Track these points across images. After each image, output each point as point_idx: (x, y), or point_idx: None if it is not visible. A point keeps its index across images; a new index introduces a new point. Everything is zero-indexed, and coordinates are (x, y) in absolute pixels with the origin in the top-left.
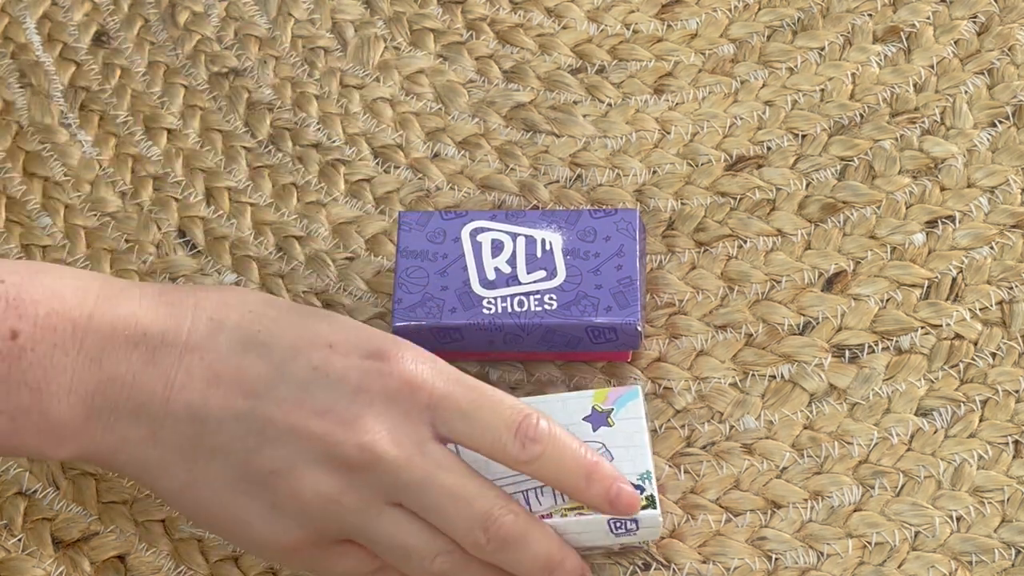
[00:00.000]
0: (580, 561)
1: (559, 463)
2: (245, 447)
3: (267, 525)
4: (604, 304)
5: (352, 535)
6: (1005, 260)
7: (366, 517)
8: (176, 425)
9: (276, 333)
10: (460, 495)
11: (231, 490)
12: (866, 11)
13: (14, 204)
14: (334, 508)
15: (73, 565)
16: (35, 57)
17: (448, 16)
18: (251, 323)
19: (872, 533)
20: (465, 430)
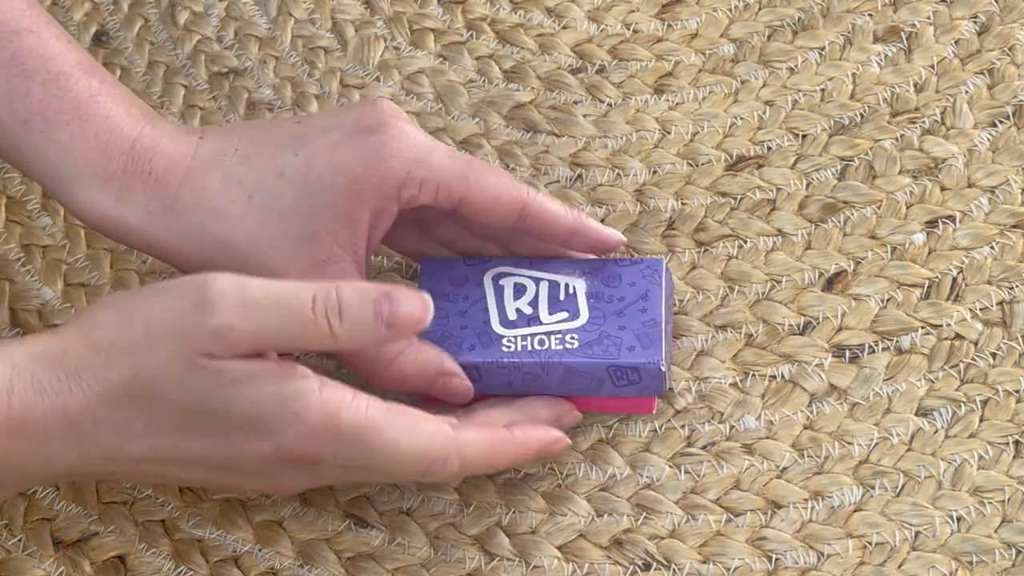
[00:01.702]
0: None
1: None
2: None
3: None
4: (627, 344)
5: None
6: (1005, 260)
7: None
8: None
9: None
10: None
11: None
12: (866, 11)
13: (14, 204)
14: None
15: (73, 565)
16: None
17: (448, 16)
18: (153, 435)
19: (872, 533)
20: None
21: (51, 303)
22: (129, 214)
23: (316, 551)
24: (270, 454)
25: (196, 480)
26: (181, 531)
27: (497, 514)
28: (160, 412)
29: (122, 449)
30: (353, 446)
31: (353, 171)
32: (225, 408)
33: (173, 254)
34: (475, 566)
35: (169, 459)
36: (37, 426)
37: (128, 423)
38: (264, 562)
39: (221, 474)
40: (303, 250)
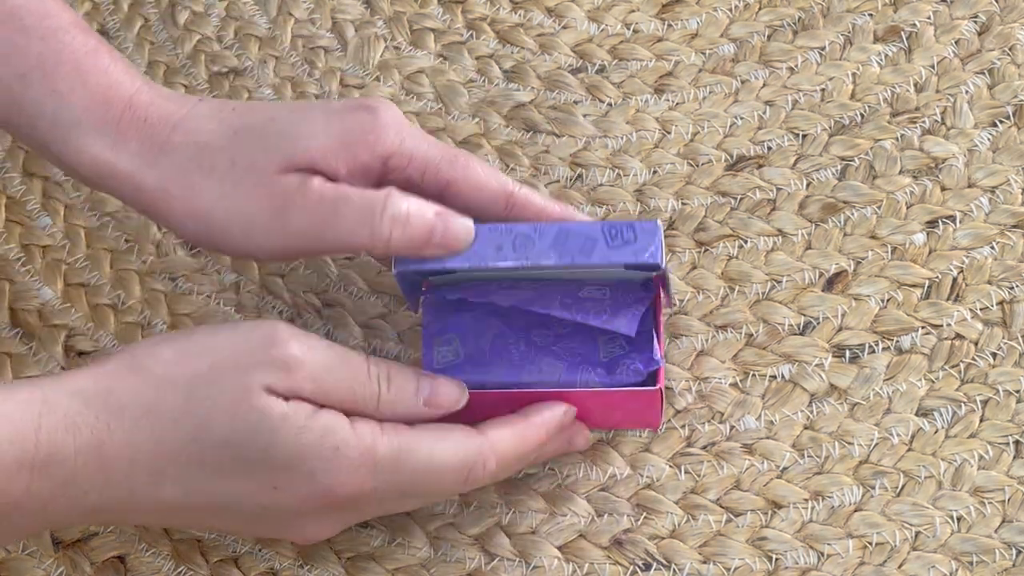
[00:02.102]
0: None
1: (512, 471)
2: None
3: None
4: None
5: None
6: (1006, 260)
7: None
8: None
9: (216, 487)
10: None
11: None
12: (867, 11)
13: (14, 204)
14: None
15: (73, 565)
16: None
17: (448, 16)
18: (191, 476)
19: (873, 533)
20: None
21: (51, 303)
22: (121, 160)
23: (316, 551)
24: (310, 496)
25: (224, 528)
26: (181, 531)
27: (497, 514)
28: (203, 451)
29: (155, 493)
30: (393, 473)
31: (347, 124)
32: (269, 447)
33: (157, 198)
34: (475, 566)
35: (203, 505)
36: (66, 466)
37: (167, 463)
38: (264, 562)
39: (253, 523)
40: (284, 175)
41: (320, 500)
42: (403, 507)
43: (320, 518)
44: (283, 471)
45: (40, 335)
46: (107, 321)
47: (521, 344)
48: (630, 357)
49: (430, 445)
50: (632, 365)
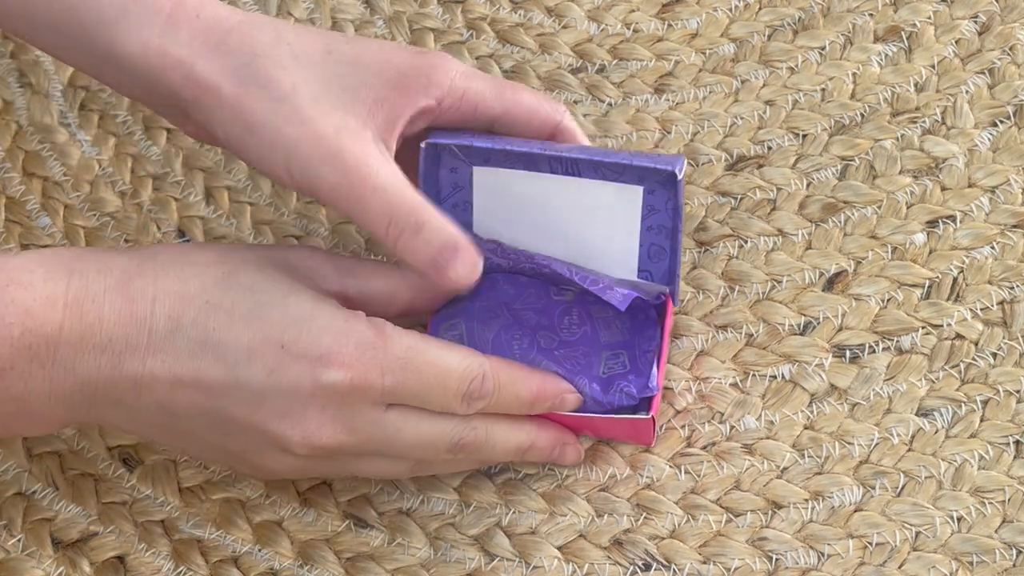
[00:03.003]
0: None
1: (505, 407)
2: (217, 434)
3: (257, 472)
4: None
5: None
6: (1006, 260)
7: (347, 467)
8: (151, 415)
9: (230, 332)
10: (421, 442)
11: (214, 454)
12: (867, 11)
13: (14, 204)
14: (312, 471)
15: (73, 565)
16: (34, 56)
17: (448, 15)
18: (206, 320)
19: (873, 533)
20: (416, 404)
21: None
22: (172, 47)
23: (316, 551)
24: (315, 363)
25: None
26: (181, 531)
27: (497, 514)
28: (225, 294)
29: (168, 347)
30: (401, 364)
31: (402, 67)
32: (289, 297)
33: (207, 91)
34: (475, 566)
35: (204, 381)
36: (95, 304)
37: (187, 305)
38: (264, 562)
39: (254, 407)
40: (336, 116)
41: (325, 372)
42: (400, 441)
43: (319, 411)
44: (293, 326)
45: None
46: None
47: (524, 342)
48: (627, 379)
49: (438, 348)
50: (627, 388)
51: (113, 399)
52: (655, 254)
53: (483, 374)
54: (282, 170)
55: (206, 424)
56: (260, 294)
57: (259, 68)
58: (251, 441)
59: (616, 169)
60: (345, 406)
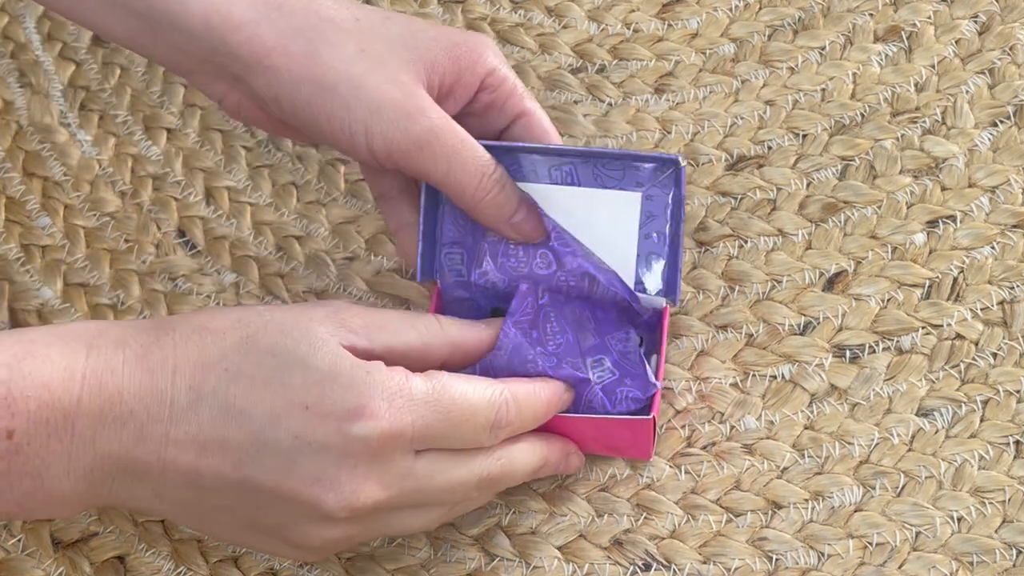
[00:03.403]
0: (560, 447)
1: (525, 426)
2: (247, 508)
3: (293, 551)
4: None
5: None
6: (1006, 260)
7: (381, 531)
8: (176, 489)
9: (253, 398)
10: (452, 485)
11: (245, 534)
12: (867, 11)
13: (14, 204)
14: (348, 541)
15: (73, 566)
16: (35, 56)
17: (448, 15)
18: (227, 387)
19: (873, 533)
20: (445, 446)
21: (51, 303)
22: (236, 7)
23: None
24: (347, 426)
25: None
26: (181, 531)
27: (497, 514)
28: (245, 359)
29: (190, 417)
30: (428, 408)
31: (455, 39)
32: (308, 357)
33: (273, 52)
34: (475, 566)
35: (231, 444)
36: (115, 376)
37: (208, 372)
38: (264, 562)
39: (283, 475)
40: (407, 76)
41: (355, 427)
42: (433, 486)
43: (351, 471)
44: (315, 386)
45: None
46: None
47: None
48: (624, 384)
49: (459, 385)
50: (631, 393)
51: (136, 474)
52: (651, 262)
53: (506, 401)
54: (360, 131)
55: (235, 498)
56: (280, 357)
57: (326, 29)
58: (284, 513)
59: (615, 173)
60: (376, 462)
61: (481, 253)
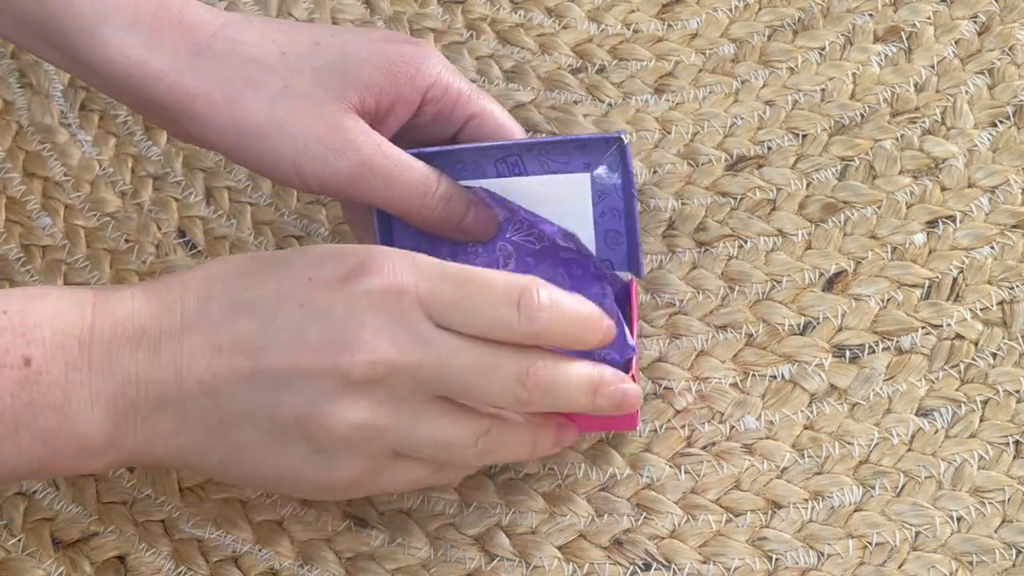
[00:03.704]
0: (615, 370)
1: (565, 327)
2: (264, 404)
3: (316, 469)
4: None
5: (398, 449)
6: (1006, 260)
7: (403, 429)
8: (196, 405)
9: (258, 286)
10: (483, 367)
11: (268, 447)
12: (867, 11)
13: (14, 204)
14: (371, 432)
15: (73, 565)
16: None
17: (448, 16)
18: (234, 286)
19: (873, 533)
20: (462, 319)
21: None
22: (154, 58)
23: (316, 551)
24: (349, 283)
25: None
26: (181, 531)
27: (497, 514)
28: (250, 259)
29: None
30: (435, 272)
31: (390, 56)
32: (306, 252)
33: (196, 101)
34: (475, 566)
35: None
36: (124, 304)
37: (215, 279)
38: (264, 562)
39: (296, 349)
40: (332, 106)
41: (355, 282)
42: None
43: (360, 327)
44: (317, 260)
45: None
46: None
47: None
48: (599, 351)
49: (481, 268)
50: (608, 355)
51: (156, 397)
52: (612, 239)
53: (533, 283)
54: (291, 171)
55: (253, 396)
56: (282, 253)
57: (249, 72)
58: (304, 396)
59: (561, 157)
60: (385, 317)
61: (441, 257)
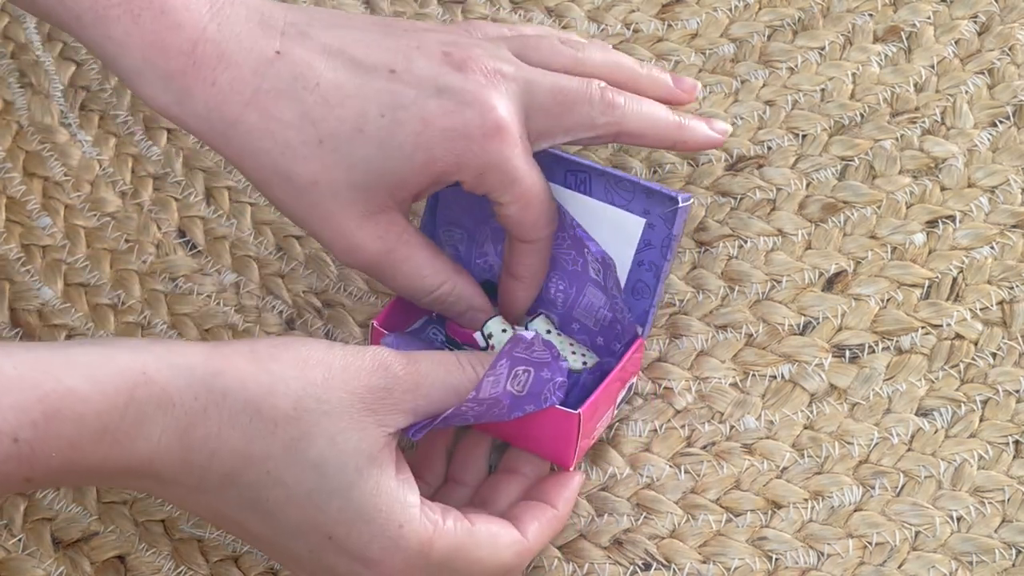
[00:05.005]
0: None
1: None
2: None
3: None
4: None
5: None
6: (1005, 260)
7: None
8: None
9: (284, 509)
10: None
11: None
12: (866, 11)
13: (14, 204)
14: None
15: (73, 565)
16: (35, 57)
17: (448, 16)
18: (263, 490)
19: (872, 533)
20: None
21: (51, 303)
22: (190, 118)
23: None
24: (359, 569)
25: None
26: (181, 531)
27: None
28: (289, 468)
29: (220, 494)
30: (440, 571)
31: (433, 153)
32: (352, 487)
33: (234, 163)
34: None
35: (250, 530)
36: (149, 442)
37: (246, 466)
38: (264, 562)
39: (292, 562)
40: (359, 201)
41: (366, 574)
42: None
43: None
44: (344, 524)
45: (40, 335)
46: (107, 321)
47: None
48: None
49: (479, 552)
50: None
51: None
52: (639, 290)
53: (520, 567)
54: (341, 256)
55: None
56: (325, 478)
57: (279, 163)
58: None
59: (626, 194)
60: None
61: (483, 236)
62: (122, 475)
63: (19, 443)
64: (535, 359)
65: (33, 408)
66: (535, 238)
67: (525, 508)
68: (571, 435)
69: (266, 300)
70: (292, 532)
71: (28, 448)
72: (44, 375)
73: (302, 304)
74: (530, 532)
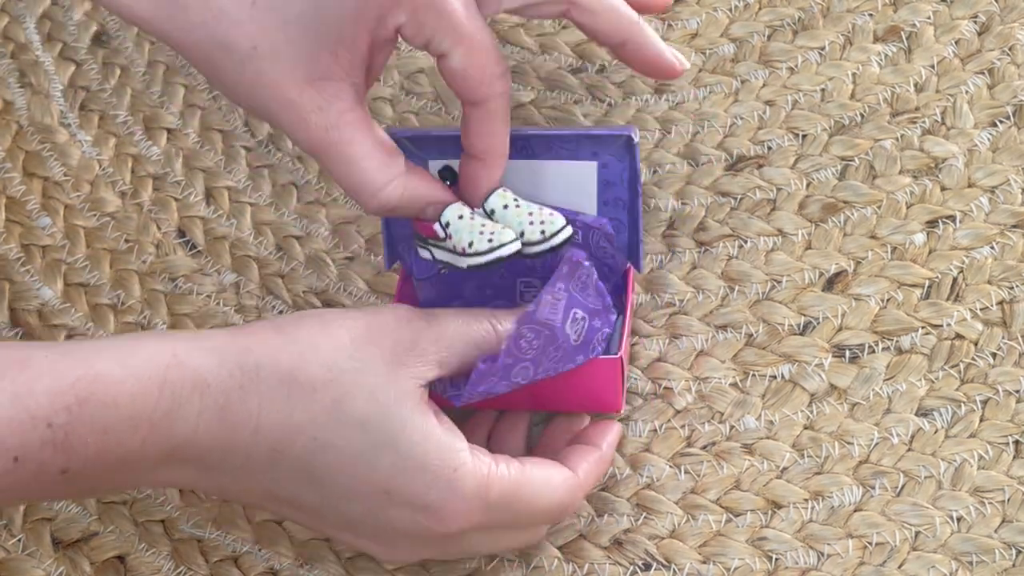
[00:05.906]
0: None
1: None
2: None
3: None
4: None
5: None
6: (1006, 260)
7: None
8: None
9: (337, 473)
10: (498, 550)
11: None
12: (867, 11)
13: (14, 204)
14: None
15: (73, 565)
16: (35, 57)
17: None
18: (313, 457)
19: (873, 533)
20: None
21: (51, 303)
22: (139, 4)
23: (316, 551)
24: (421, 518)
25: (315, 525)
26: (181, 531)
27: None
28: (338, 429)
29: (270, 473)
30: (499, 511)
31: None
32: (401, 433)
33: (180, 48)
34: (475, 566)
35: (312, 503)
36: (188, 423)
37: (296, 434)
38: (264, 562)
39: (350, 532)
40: (302, 64)
41: (427, 522)
42: (482, 549)
43: (410, 544)
44: (401, 475)
45: (40, 335)
46: (107, 321)
47: None
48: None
49: (534, 489)
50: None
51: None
52: (615, 228)
53: (574, 503)
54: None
55: (298, 517)
56: (372, 433)
57: (216, 31)
58: (347, 532)
59: (569, 145)
60: (437, 545)
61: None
62: (163, 463)
63: (53, 428)
64: (590, 306)
65: (66, 393)
66: (486, 94)
67: (572, 451)
68: (616, 381)
69: (266, 300)
70: (347, 495)
71: (63, 434)
72: (76, 361)
73: (302, 304)
74: (580, 470)
